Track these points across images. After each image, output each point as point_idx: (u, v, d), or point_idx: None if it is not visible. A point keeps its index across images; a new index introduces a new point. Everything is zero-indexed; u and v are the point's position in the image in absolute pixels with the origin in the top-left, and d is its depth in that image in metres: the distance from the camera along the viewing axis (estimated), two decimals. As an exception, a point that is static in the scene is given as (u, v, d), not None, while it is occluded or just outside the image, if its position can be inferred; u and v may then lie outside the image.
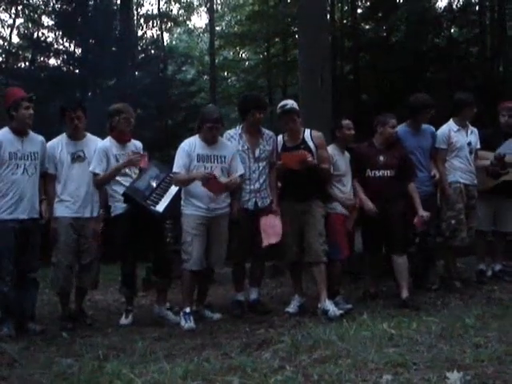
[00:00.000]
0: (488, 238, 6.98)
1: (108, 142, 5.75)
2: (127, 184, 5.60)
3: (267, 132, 5.94)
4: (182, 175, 5.49)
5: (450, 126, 6.47)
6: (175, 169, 5.50)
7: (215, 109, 6.02)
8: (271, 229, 5.66)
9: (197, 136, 5.61)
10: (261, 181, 5.77)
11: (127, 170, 5.69)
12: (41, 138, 5.62)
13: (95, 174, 5.64)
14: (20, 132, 5.43)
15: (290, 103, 5.72)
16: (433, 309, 5.38)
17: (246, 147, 5.77)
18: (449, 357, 3.32)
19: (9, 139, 5.39)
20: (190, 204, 5.51)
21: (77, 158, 5.68)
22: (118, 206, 5.63)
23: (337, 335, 4.06)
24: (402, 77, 14.57)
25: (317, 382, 3.05)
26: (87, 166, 5.68)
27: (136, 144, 5.93)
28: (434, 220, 6.37)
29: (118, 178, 5.65)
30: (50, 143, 5.70)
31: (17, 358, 4.28)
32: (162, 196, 5.62)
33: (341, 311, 5.29)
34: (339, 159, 5.89)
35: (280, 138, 5.86)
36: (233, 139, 5.80)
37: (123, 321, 5.72)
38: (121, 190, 5.58)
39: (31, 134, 5.54)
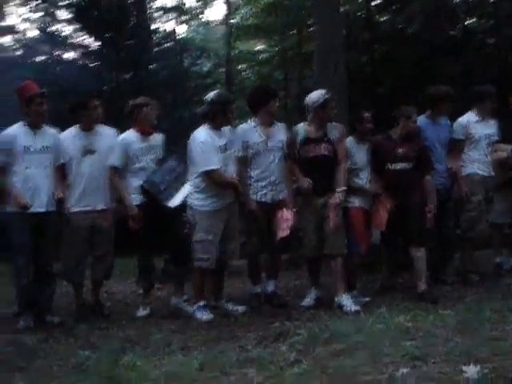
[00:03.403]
0: (505, 231, 6.93)
1: (130, 134, 5.77)
2: (144, 177, 5.63)
3: (279, 124, 5.93)
4: (224, 176, 5.40)
5: (469, 118, 6.41)
6: (212, 166, 5.34)
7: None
8: (285, 222, 5.65)
9: (205, 127, 5.51)
10: (277, 173, 5.74)
11: (146, 164, 5.71)
12: (54, 131, 5.66)
13: (114, 168, 5.66)
14: (34, 126, 5.46)
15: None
16: (450, 302, 5.35)
17: (261, 139, 5.74)
18: (466, 350, 3.30)
19: (23, 133, 5.43)
20: (209, 200, 5.44)
21: (88, 150, 5.69)
22: (135, 198, 5.65)
23: (353, 328, 4.06)
24: (418, 69, 14.45)
25: (333, 374, 3.05)
26: (97, 158, 5.69)
27: (157, 137, 5.94)
28: (452, 213, 6.33)
29: (136, 170, 5.67)
30: (61, 136, 5.72)
31: (35, 350, 4.33)
32: (178, 190, 5.63)
33: (357, 307, 5.24)
34: (357, 152, 5.86)
35: (300, 128, 5.78)
36: (248, 133, 5.75)
37: (140, 313, 5.76)
38: (137, 182, 5.62)
39: (45, 127, 5.57)
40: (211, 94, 5.57)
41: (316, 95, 5.71)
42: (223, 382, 3.05)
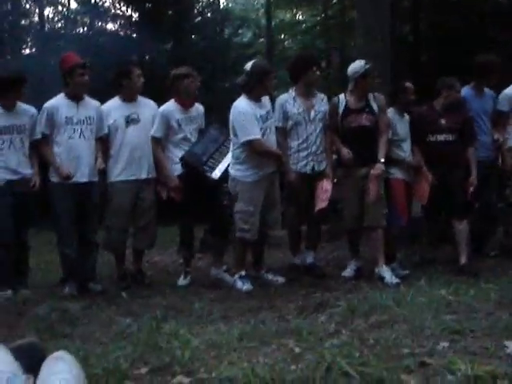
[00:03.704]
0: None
1: (171, 105, 5.78)
2: (186, 148, 5.65)
3: (319, 93, 5.87)
4: (265, 146, 5.38)
5: (515, 89, 6.25)
6: (253, 136, 5.28)
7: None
8: (324, 194, 5.63)
9: (244, 97, 5.45)
10: (317, 143, 5.71)
11: (188, 134, 5.73)
12: (96, 102, 5.69)
13: (155, 138, 5.70)
14: (75, 97, 5.51)
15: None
16: (492, 276, 5.26)
17: (301, 110, 5.70)
18: (507, 325, 3.26)
19: (64, 104, 5.48)
20: (250, 171, 5.41)
21: (131, 120, 5.71)
22: (177, 168, 5.68)
23: (393, 300, 4.04)
24: (464, 37, 14.13)
25: (373, 346, 3.04)
26: (142, 128, 5.72)
27: (198, 108, 5.94)
28: (496, 186, 6.23)
29: (177, 141, 5.70)
30: (103, 107, 5.76)
31: (79, 317, 4.43)
32: (220, 161, 5.63)
33: (397, 280, 5.21)
34: (399, 123, 5.78)
35: (342, 98, 5.68)
36: (287, 103, 5.71)
37: (181, 282, 5.83)
38: (180, 153, 5.64)
39: (86, 98, 5.61)
40: (248, 65, 5.53)
41: (357, 65, 5.63)
42: (262, 352, 3.07)
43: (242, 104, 5.44)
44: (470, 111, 6.02)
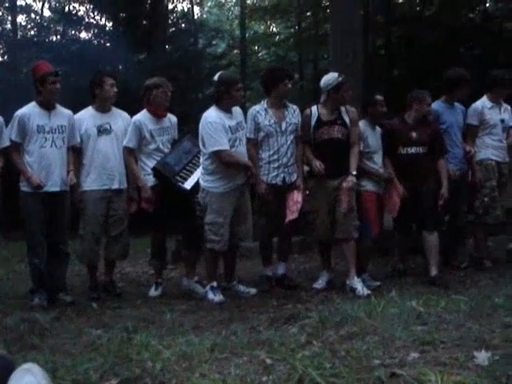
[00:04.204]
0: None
1: (143, 115, 5.76)
2: (159, 158, 5.64)
3: (291, 105, 5.89)
4: (234, 156, 5.37)
5: (483, 103, 6.36)
6: (220, 146, 5.29)
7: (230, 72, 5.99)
8: (294, 205, 5.65)
9: (214, 108, 5.46)
10: (289, 155, 5.73)
11: (160, 145, 5.71)
12: (68, 111, 5.64)
13: (128, 148, 5.67)
14: (47, 106, 5.45)
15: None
16: (462, 287, 5.33)
17: (272, 121, 5.71)
18: (477, 336, 3.29)
19: (36, 113, 5.42)
20: (219, 182, 5.41)
21: (103, 130, 5.68)
22: (149, 179, 5.65)
23: (364, 312, 4.05)
24: (435, 52, 14.34)
25: (344, 357, 3.05)
26: (114, 138, 5.70)
27: (171, 118, 5.94)
28: (466, 198, 6.31)
29: (150, 151, 5.68)
30: (76, 116, 5.71)
31: (48, 328, 4.36)
32: (192, 172, 5.63)
33: (368, 291, 5.24)
34: (370, 136, 5.83)
35: (314, 110, 5.72)
36: (259, 115, 5.73)
37: (152, 293, 5.80)
38: (152, 164, 5.62)
39: (58, 107, 5.56)
40: (216, 76, 5.54)
41: (330, 78, 5.67)
42: (234, 364, 3.05)
43: (210, 114, 5.44)
44: (442, 124, 6.10)
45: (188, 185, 5.57)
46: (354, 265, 5.51)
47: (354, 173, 5.51)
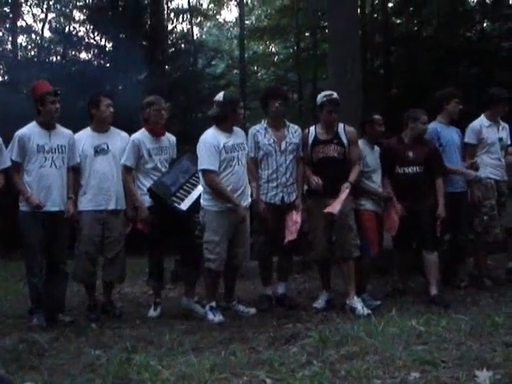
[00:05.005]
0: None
1: (142, 134, 5.77)
2: (155, 178, 5.64)
3: (292, 125, 5.91)
4: (220, 185, 5.30)
5: (481, 122, 6.39)
6: (207, 165, 5.29)
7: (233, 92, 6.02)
8: (293, 226, 5.65)
9: (213, 128, 5.46)
10: (288, 175, 5.74)
11: (158, 164, 5.72)
12: (68, 131, 5.64)
13: (126, 167, 5.68)
14: (47, 126, 5.46)
15: (335, 94, 5.67)
16: (462, 306, 5.32)
17: (272, 141, 5.74)
18: (478, 355, 3.28)
19: (36, 133, 5.42)
20: (215, 200, 5.36)
21: (100, 150, 5.68)
22: (146, 199, 5.65)
23: (365, 331, 4.03)
24: (433, 71, 14.43)
25: (344, 377, 3.04)
26: (111, 158, 5.69)
27: (170, 138, 5.96)
28: (466, 217, 6.31)
29: (147, 170, 5.69)
30: (75, 136, 5.69)
31: (47, 348, 4.34)
32: (190, 192, 5.62)
33: (368, 311, 5.21)
34: (369, 155, 5.84)
35: (312, 130, 5.75)
36: (259, 134, 5.77)
37: (151, 313, 5.76)
38: (149, 183, 5.62)
39: (59, 127, 5.56)
40: (220, 95, 5.54)
41: (319, 96, 5.73)
42: (233, 384, 3.04)
43: (207, 134, 5.45)
44: (442, 143, 6.12)
45: (185, 205, 5.54)
46: (354, 284, 5.49)
47: (352, 182, 5.51)
